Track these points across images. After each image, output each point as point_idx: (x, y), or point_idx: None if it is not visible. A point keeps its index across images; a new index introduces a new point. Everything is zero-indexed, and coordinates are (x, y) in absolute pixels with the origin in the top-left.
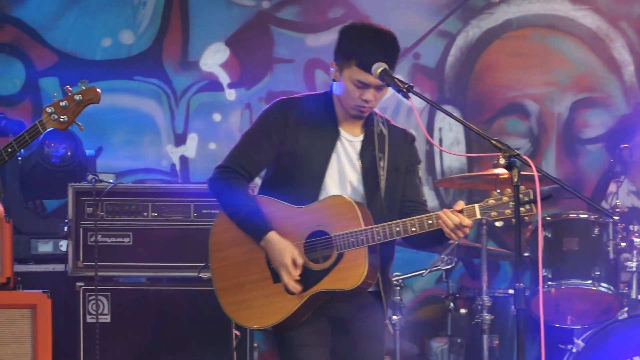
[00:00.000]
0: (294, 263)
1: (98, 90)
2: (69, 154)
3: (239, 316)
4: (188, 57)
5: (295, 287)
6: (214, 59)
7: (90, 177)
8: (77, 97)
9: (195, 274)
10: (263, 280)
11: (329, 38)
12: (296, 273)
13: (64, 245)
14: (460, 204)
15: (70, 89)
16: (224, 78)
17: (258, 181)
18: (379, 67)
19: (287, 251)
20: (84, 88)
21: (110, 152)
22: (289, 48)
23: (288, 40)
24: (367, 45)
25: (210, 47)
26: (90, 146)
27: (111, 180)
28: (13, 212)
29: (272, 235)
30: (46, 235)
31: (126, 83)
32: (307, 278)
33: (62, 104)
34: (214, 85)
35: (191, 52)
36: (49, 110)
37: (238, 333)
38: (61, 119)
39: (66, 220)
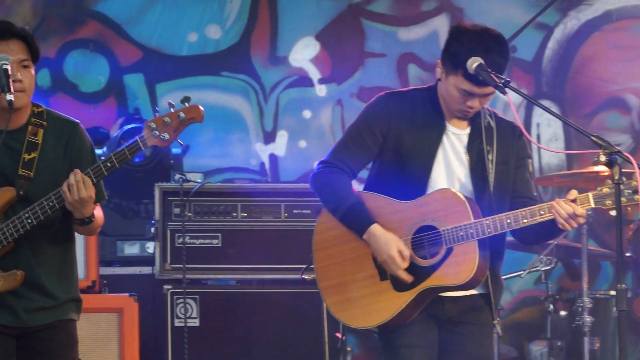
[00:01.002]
0: (401, 255)
1: (201, 108)
2: (151, 153)
3: (345, 316)
4: (277, 52)
5: (406, 277)
6: (303, 53)
7: (177, 176)
8: (181, 115)
9: (290, 276)
10: (369, 278)
11: (422, 31)
12: (404, 264)
13: (150, 247)
14: (574, 193)
15: (173, 103)
16: (314, 73)
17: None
18: (474, 62)
19: (392, 242)
20: (187, 105)
21: (198, 151)
22: (381, 42)
23: (380, 34)
24: (475, 55)
25: (300, 41)
26: (176, 144)
27: (199, 180)
28: None
29: (376, 228)
30: (132, 237)
31: (213, 79)
32: (416, 274)
33: (165, 120)
34: (304, 80)
35: (280, 47)
36: (151, 125)
37: (343, 337)
38: (162, 137)
39: (153, 222)
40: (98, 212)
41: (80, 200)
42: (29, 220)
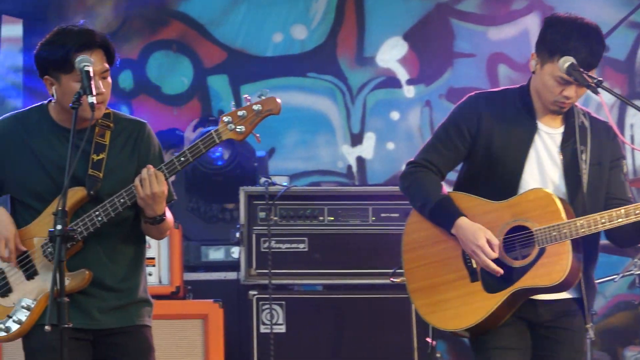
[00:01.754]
0: (490, 244)
1: (278, 100)
2: (231, 156)
3: (434, 318)
4: (364, 53)
5: (495, 268)
6: (391, 54)
7: (262, 180)
8: (256, 107)
9: (377, 280)
10: (460, 280)
11: (512, 31)
12: (493, 254)
13: (235, 252)
14: None
15: (249, 98)
16: (402, 74)
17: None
18: (565, 61)
19: (480, 232)
20: (263, 98)
21: (283, 153)
22: (470, 42)
23: (469, 34)
24: (573, 42)
25: (388, 41)
26: (261, 147)
27: (285, 183)
28: (181, 218)
29: (463, 220)
30: (217, 242)
31: (299, 80)
32: (508, 275)
33: (240, 113)
34: (391, 81)
35: (367, 47)
36: (225, 119)
37: (433, 342)
38: (238, 129)
39: (238, 226)
40: (168, 213)
41: (153, 195)
42: (99, 218)
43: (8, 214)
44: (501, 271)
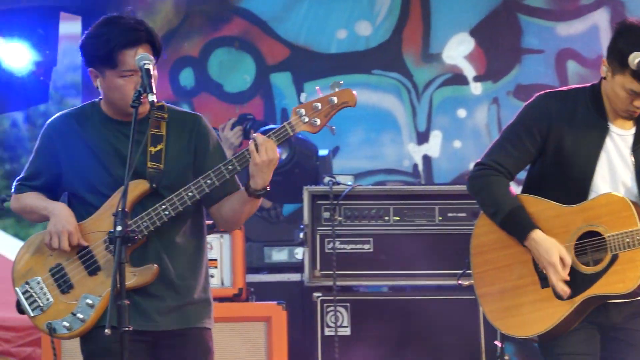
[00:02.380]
0: (562, 262)
1: (354, 92)
2: (288, 155)
3: (504, 324)
4: (430, 49)
5: (564, 290)
6: (458, 50)
7: (327, 179)
8: (332, 99)
9: (444, 282)
10: (530, 285)
11: (581, 26)
12: (564, 273)
13: (299, 253)
14: None
15: (320, 90)
16: (469, 71)
17: None
18: (636, 57)
19: (554, 249)
20: (337, 90)
21: (348, 152)
22: (538, 37)
23: (537, 29)
24: None
25: (454, 37)
26: (325, 145)
27: (349, 183)
28: None
29: (537, 234)
30: (280, 243)
31: (364, 77)
32: (579, 282)
33: (315, 105)
34: (458, 78)
35: (433, 44)
36: (299, 111)
37: (501, 344)
38: (313, 122)
39: (302, 226)
40: None
41: (269, 161)
42: (166, 212)
43: (68, 208)
44: (567, 293)
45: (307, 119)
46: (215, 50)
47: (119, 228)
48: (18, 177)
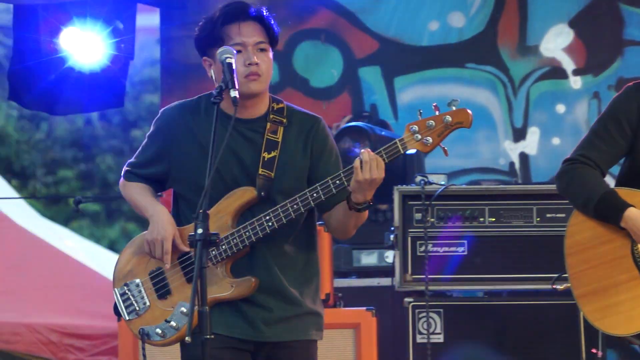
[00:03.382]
0: None
1: (469, 112)
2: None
3: (604, 323)
4: (527, 41)
5: None
6: (556, 42)
7: (418, 178)
8: (447, 118)
9: (542, 286)
10: (631, 281)
11: None
12: None
13: (389, 256)
14: None
15: (438, 106)
16: (568, 64)
17: None
18: None
19: None
20: (454, 108)
21: (441, 150)
22: None
23: None
24: None
25: (552, 29)
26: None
27: (442, 182)
28: None
29: (632, 211)
30: (370, 246)
31: (457, 71)
32: None
33: (429, 123)
34: (556, 72)
35: (530, 35)
36: (413, 128)
37: (599, 353)
38: (425, 140)
39: (392, 228)
40: None
41: (371, 180)
42: (270, 223)
43: (169, 214)
44: None
45: (419, 137)
46: (301, 43)
47: (199, 231)
48: (129, 161)
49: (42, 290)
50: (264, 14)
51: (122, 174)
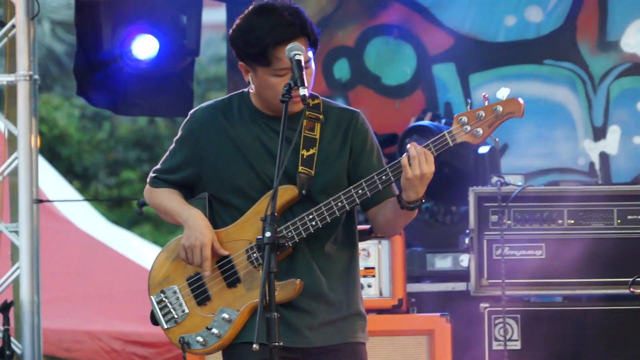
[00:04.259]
0: None
1: (521, 101)
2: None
3: None
4: (607, 37)
5: None
6: (637, 37)
7: (494, 179)
8: (497, 108)
9: (623, 291)
10: None
11: None
12: None
13: (465, 260)
14: None
15: (487, 97)
16: None
17: None
18: None
19: None
20: (504, 98)
21: (517, 150)
22: None
23: None
24: None
25: (633, 23)
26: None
27: (519, 183)
28: None
29: None
30: (444, 249)
31: (535, 68)
32: None
33: (478, 114)
34: (638, 68)
35: (610, 30)
36: (462, 119)
37: None
38: (475, 132)
39: (467, 231)
40: None
41: (422, 176)
42: (313, 223)
43: (205, 217)
44: None
45: (469, 129)
46: (373, 39)
47: (267, 234)
48: (155, 168)
49: (104, 297)
50: (307, 22)
51: (147, 181)
